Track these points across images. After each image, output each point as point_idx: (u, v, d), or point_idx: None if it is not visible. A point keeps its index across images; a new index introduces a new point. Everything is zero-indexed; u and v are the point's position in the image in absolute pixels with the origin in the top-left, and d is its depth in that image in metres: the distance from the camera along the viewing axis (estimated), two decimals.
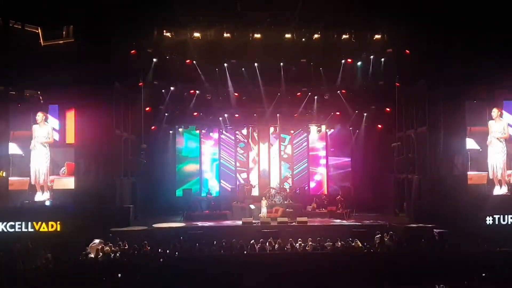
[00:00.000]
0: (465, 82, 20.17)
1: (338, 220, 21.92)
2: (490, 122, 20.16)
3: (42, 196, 19.58)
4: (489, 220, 19.32)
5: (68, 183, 19.76)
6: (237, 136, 26.81)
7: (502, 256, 14.54)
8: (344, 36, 20.89)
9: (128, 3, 19.48)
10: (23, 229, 18.62)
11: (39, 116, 19.67)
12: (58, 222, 18.75)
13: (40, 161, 19.65)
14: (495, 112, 20.16)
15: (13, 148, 19.55)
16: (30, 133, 19.64)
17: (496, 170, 20.12)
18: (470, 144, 20.10)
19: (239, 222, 20.89)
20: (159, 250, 15.72)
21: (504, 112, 20.19)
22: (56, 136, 19.74)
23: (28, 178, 19.55)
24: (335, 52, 21.93)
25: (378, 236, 17.34)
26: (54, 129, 19.76)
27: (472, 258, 14.07)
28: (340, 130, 26.72)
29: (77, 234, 17.50)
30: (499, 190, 20.06)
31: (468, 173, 20.06)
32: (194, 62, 22.28)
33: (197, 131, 26.34)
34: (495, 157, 20.14)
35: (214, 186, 26.27)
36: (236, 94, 24.49)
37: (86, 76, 19.68)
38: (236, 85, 23.94)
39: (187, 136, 26.59)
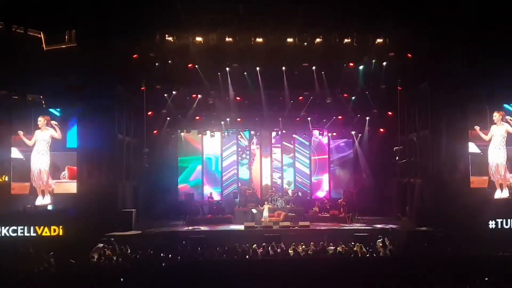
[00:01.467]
0: (467, 86, 20.14)
1: (341, 224, 21.88)
2: (492, 126, 20.16)
3: (43, 201, 19.62)
4: (491, 224, 19.28)
5: (69, 187, 19.83)
6: (239, 140, 26.77)
7: (505, 260, 14.49)
8: (346, 40, 20.83)
9: (130, 7, 19.53)
10: (26, 234, 18.63)
11: (41, 120, 19.74)
12: (61, 227, 18.78)
13: (40, 165, 19.69)
14: (496, 116, 20.17)
15: (14, 153, 19.61)
16: (31, 137, 19.71)
17: (497, 173, 20.10)
18: (471, 148, 20.10)
19: (241, 227, 20.87)
20: (161, 254, 15.71)
21: (506, 115, 20.20)
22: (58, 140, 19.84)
23: (29, 182, 19.61)
24: (337, 56, 21.93)
25: (380, 240, 17.31)
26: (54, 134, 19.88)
27: (474, 262, 14.02)
28: (342, 134, 26.67)
29: (80, 238, 17.48)
30: (500, 194, 20.05)
31: (470, 177, 20.06)
32: (196, 66, 22.30)
33: (199, 135, 26.30)
34: (496, 161, 20.14)
35: (216, 190, 26.20)
36: (238, 98, 24.53)
37: (89, 80, 19.76)
38: (238, 89, 23.96)
39: (189, 140, 26.52)
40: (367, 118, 25.56)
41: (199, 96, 24.22)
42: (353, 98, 24.62)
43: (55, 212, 19.43)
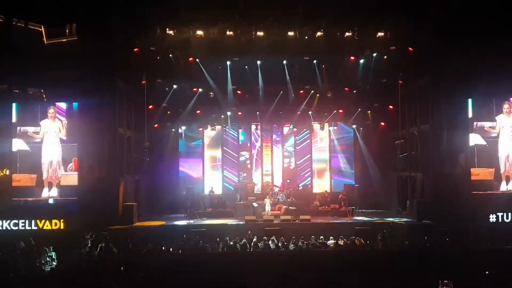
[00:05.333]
0: (468, 79, 20.11)
1: (341, 218, 21.90)
2: (500, 116, 20.16)
3: (49, 193, 19.68)
4: (492, 218, 19.33)
5: (75, 179, 19.90)
6: (239, 133, 26.76)
7: (506, 254, 14.51)
8: (347, 34, 20.86)
9: (131, 1, 19.50)
10: (27, 227, 18.70)
11: (51, 111, 19.82)
12: (62, 220, 18.83)
13: (53, 157, 19.79)
14: (506, 107, 20.19)
15: (20, 144, 19.63)
16: (37, 129, 19.75)
17: (505, 165, 20.11)
18: (477, 140, 20.10)
19: (242, 220, 20.89)
20: (162, 248, 15.76)
21: None
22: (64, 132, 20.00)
23: (36, 174, 19.65)
24: (338, 49, 21.89)
25: (381, 234, 17.33)
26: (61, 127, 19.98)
27: (475, 255, 14.04)
28: (343, 127, 26.67)
29: (81, 232, 17.52)
30: (505, 187, 20.08)
31: (474, 169, 20.06)
32: (197, 60, 22.32)
33: (200, 129, 26.29)
34: (505, 152, 20.15)
35: (217, 184, 26.22)
36: (239, 91, 24.53)
37: (89, 74, 19.76)
38: (239, 82, 23.97)
39: (190, 134, 26.50)
40: (368, 111, 25.54)
41: (200, 89, 24.21)
42: (354, 92, 24.58)
43: (56, 206, 19.46)
